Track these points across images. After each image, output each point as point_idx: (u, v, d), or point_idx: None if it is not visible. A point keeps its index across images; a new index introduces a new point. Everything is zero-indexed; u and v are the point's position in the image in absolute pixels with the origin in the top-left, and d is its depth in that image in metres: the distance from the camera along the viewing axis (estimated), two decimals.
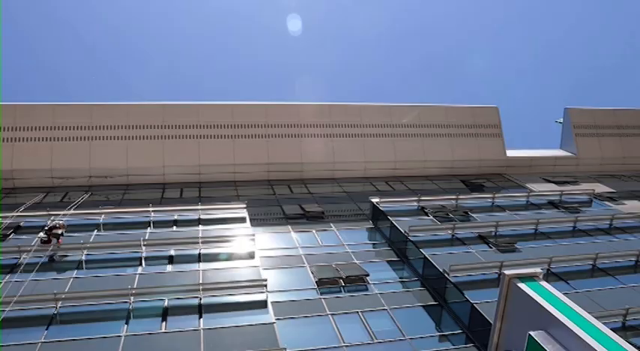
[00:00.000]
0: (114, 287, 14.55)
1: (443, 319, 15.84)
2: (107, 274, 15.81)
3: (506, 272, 5.28)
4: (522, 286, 5.14)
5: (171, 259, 17.01)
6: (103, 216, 19.98)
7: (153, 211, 20.49)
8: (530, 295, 4.93)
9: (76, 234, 18.04)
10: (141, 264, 16.52)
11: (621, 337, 13.81)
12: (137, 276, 15.67)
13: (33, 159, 25.24)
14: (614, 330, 14.11)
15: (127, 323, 13.38)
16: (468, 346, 14.28)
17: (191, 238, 18.10)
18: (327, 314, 15.29)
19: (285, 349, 12.17)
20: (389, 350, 13.93)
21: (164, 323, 13.52)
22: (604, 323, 14.23)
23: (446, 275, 16.36)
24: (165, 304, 14.31)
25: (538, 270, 5.28)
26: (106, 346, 12.31)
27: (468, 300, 15.09)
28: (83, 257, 16.78)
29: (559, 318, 4.59)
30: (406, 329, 14.79)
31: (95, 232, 18.68)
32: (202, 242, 17.85)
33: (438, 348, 14.35)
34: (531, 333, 4.74)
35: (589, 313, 5.04)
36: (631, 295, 16.31)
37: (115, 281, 15.18)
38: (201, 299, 14.51)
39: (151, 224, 19.53)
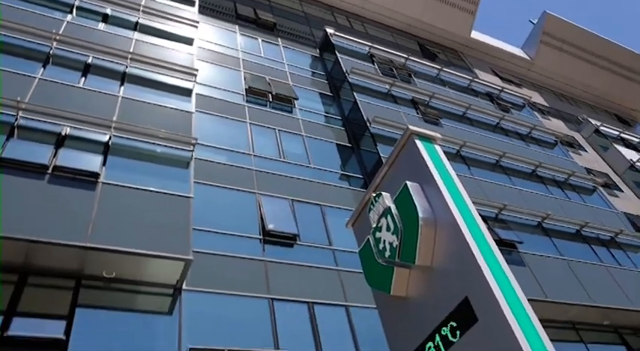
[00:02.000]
0: (37, 26, 13.63)
1: (350, 161, 16.85)
2: (33, 9, 14.67)
3: (411, 127, 5.63)
4: (418, 142, 5.54)
5: (105, 18, 16.03)
6: None
7: None
8: (421, 151, 5.35)
9: None
10: (72, 12, 15.46)
11: (489, 224, 15.69)
12: (65, 23, 14.75)
13: None
14: (486, 217, 15.97)
15: (44, 67, 12.90)
16: (362, 190, 15.55)
17: (132, 2, 16.95)
18: (246, 122, 15.67)
19: (197, 139, 12.52)
20: (291, 171, 14.81)
21: (83, 79, 13.21)
22: (480, 209, 15.97)
23: (367, 123, 17.02)
24: (89, 61, 13.84)
25: (439, 135, 5.67)
26: (18, 83, 11.85)
27: (377, 152, 16.02)
28: None
29: (436, 179, 5.08)
30: (314, 158, 15.65)
31: None
32: (143, 11, 16.84)
33: (336, 184, 15.52)
34: (407, 182, 5.25)
35: (471, 196, 5.62)
36: (514, 195, 18.05)
37: (40, 20, 14.13)
38: (127, 68, 14.14)
39: None
